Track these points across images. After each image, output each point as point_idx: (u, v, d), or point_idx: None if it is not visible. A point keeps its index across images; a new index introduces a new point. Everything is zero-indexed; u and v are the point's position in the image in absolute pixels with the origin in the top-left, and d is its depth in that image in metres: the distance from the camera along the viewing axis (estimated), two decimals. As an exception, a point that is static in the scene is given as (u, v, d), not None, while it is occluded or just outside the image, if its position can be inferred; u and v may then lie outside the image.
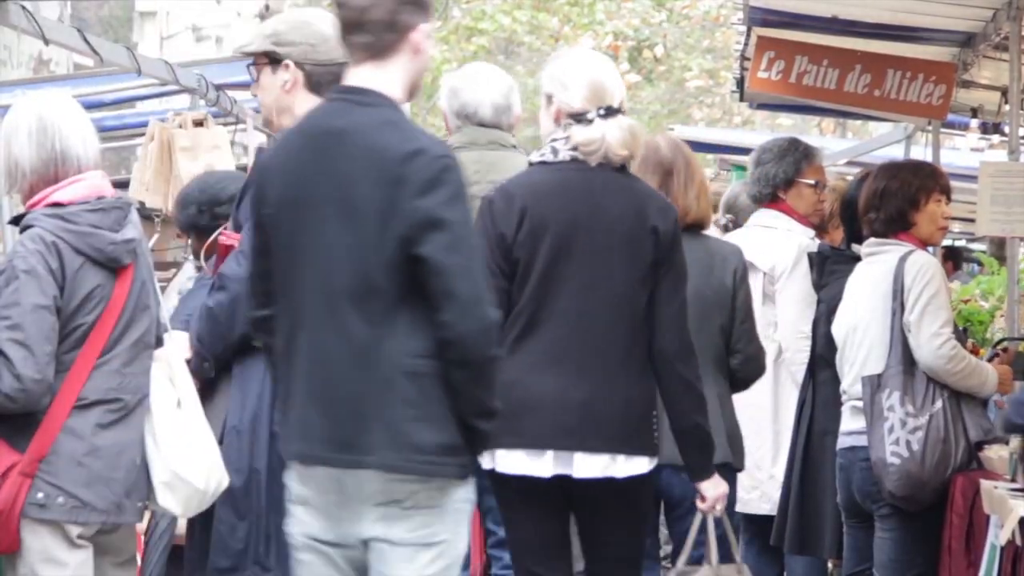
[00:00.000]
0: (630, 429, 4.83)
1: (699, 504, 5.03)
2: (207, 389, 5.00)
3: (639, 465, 4.84)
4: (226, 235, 5.14)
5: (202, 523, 5.05)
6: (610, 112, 4.89)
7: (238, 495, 4.91)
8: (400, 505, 4.05)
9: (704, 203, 5.70)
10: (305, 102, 5.12)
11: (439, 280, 3.98)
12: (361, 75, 4.11)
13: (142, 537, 5.76)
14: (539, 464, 4.79)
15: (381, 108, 4.10)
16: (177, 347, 4.88)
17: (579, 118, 4.89)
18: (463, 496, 4.10)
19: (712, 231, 7.97)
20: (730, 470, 5.57)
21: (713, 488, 5.00)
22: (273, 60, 5.12)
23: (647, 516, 5.06)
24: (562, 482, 4.81)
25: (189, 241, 6.02)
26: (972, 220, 8.42)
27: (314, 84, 5.14)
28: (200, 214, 5.88)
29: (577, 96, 4.89)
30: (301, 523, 4.14)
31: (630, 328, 4.84)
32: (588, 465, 4.80)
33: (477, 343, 3.99)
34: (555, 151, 4.95)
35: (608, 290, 4.83)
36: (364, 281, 4.02)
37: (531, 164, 5.09)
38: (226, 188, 5.78)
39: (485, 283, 4.07)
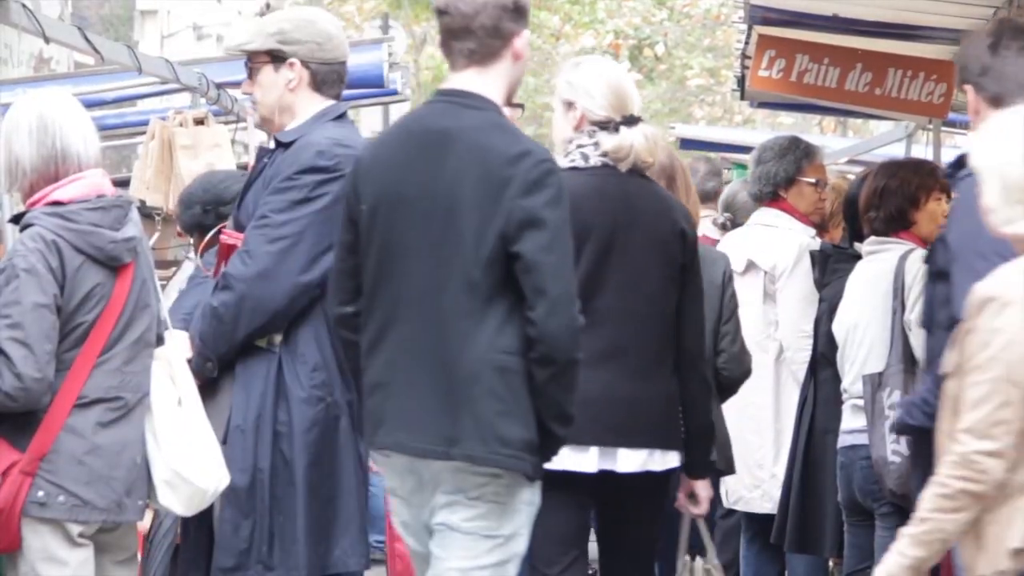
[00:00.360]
0: (667, 424, 5.01)
1: (691, 503, 5.15)
2: (209, 388, 5.00)
3: (673, 459, 5.01)
4: (228, 234, 5.13)
5: (197, 522, 5.05)
6: (632, 120, 5.01)
7: (242, 494, 4.92)
8: (466, 495, 4.21)
9: (696, 208, 5.81)
10: (309, 101, 5.12)
11: (533, 277, 4.16)
12: (463, 79, 4.30)
13: (143, 536, 5.76)
14: (584, 459, 4.88)
15: (486, 111, 4.29)
16: (178, 346, 4.88)
17: (603, 126, 4.99)
18: (528, 498, 4.26)
19: (711, 230, 8.00)
20: (716, 472, 5.66)
21: (705, 488, 5.14)
22: (276, 58, 5.10)
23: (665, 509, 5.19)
24: (604, 477, 4.92)
25: (191, 240, 6.02)
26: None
27: (318, 83, 5.13)
28: (205, 214, 5.90)
29: (602, 104, 4.99)
30: (396, 512, 4.39)
31: (664, 327, 5.00)
32: (630, 460, 4.93)
33: (563, 342, 4.15)
34: (585, 157, 5.03)
35: (646, 290, 4.98)
36: (461, 276, 4.20)
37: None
38: (229, 187, 5.79)
39: (575, 286, 4.23)
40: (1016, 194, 3.62)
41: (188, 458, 4.72)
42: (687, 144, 15.79)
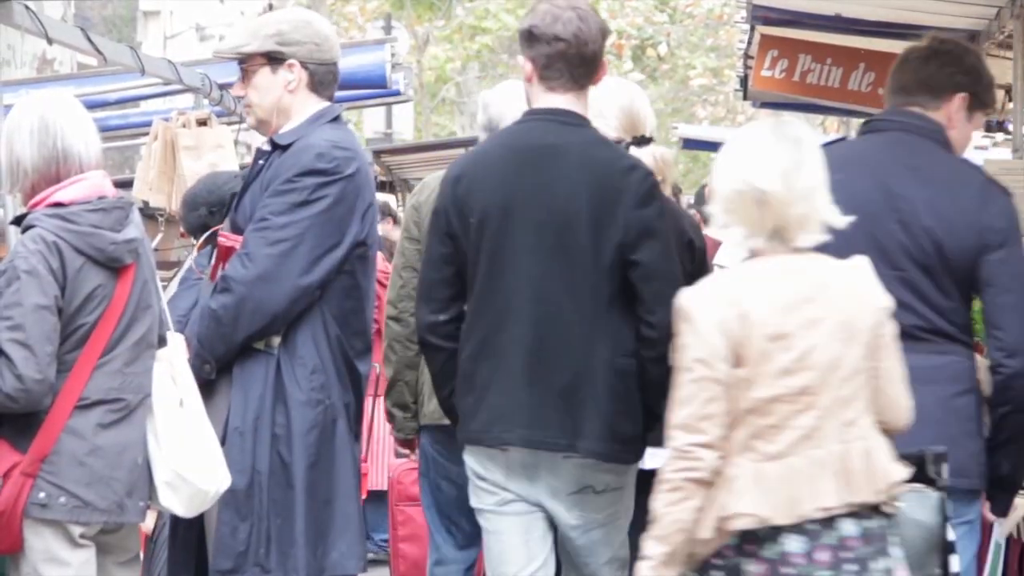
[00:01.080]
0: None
1: None
2: (207, 390, 4.99)
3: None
4: (225, 236, 5.11)
5: (187, 522, 5.04)
6: (643, 141, 5.14)
7: (240, 496, 4.91)
8: (593, 490, 4.66)
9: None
10: (306, 102, 5.11)
11: (655, 284, 4.55)
12: (561, 100, 4.68)
13: (147, 537, 5.75)
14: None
15: (587, 128, 4.69)
16: (182, 352, 4.88)
17: None
18: (632, 480, 4.75)
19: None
20: None
21: None
22: (274, 60, 5.09)
23: None
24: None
25: (195, 241, 6.01)
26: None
27: (316, 84, 5.12)
28: (211, 215, 5.91)
29: (614, 125, 5.09)
30: (478, 498, 4.75)
31: None
32: (657, 458, 4.98)
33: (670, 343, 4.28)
34: None
35: None
36: (582, 283, 4.58)
37: None
38: (234, 189, 5.79)
39: None
40: (727, 203, 4.06)
41: (189, 459, 4.71)
42: (690, 144, 15.80)
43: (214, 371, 5.00)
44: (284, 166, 5.03)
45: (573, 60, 4.66)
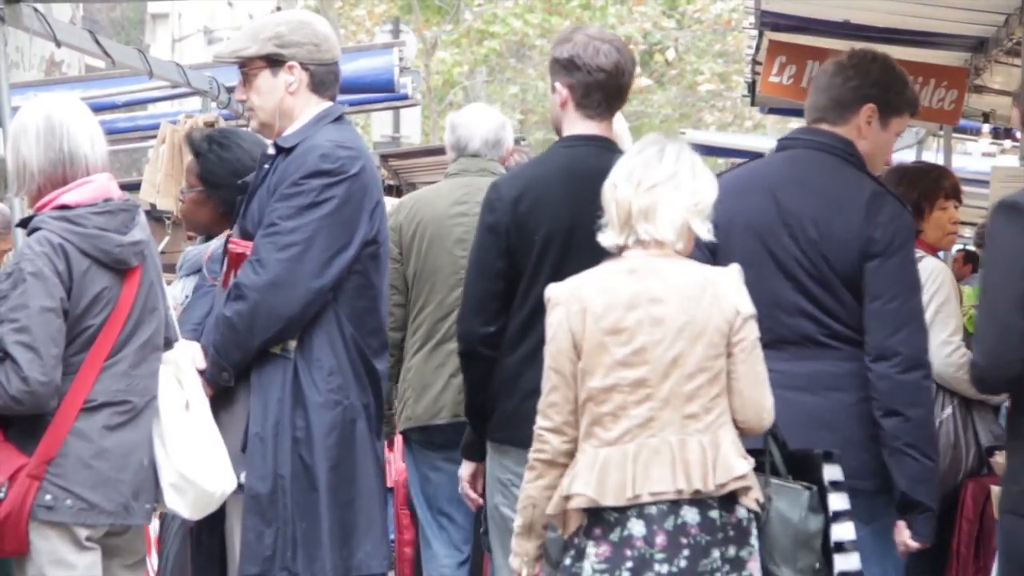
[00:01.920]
0: None
1: None
2: (225, 397, 4.98)
3: None
4: (235, 243, 5.10)
5: (209, 529, 5.04)
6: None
7: (264, 502, 4.90)
8: None
9: None
10: (308, 103, 5.10)
11: None
12: (599, 128, 5.02)
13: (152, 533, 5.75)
14: None
15: (623, 153, 4.79)
16: (188, 354, 4.87)
17: None
18: None
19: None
20: None
21: None
22: (274, 62, 5.08)
23: None
24: None
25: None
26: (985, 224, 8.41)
27: (317, 84, 5.12)
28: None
29: None
30: (508, 500, 4.92)
31: None
32: None
33: None
34: None
35: None
36: None
37: None
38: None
39: None
40: (612, 210, 4.40)
41: (195, 461, 4.71)
42: (697, 149, 15.78)
43: (232, 378, 4.99)
44: (289, 169, 5.02)
45: (612, 91, 4.98)
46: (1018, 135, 10.43)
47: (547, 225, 4.89)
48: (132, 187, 9.26)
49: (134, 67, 8.21)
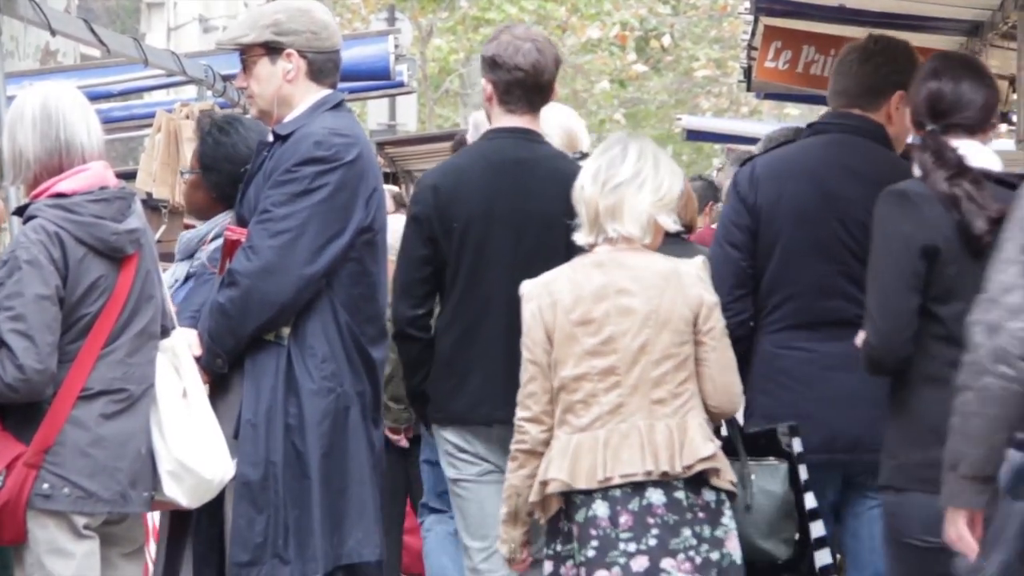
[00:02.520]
0: None
1: None
2: (220, 383, 4.98)
3: None
4: (232, 230, 5.10)
5: (210, 517, 5.04)
6: (583, 156, 5.73)
7: (255, 489, 4.90)
8: None
9: (690, 210, 6.57)
10: (307, 91, 5.10)
11: None
12: (523, 121, 5.33)
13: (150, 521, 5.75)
14: None
15: (547, 145, 5.42)
16: (185, 342, 4.88)
17: None
18: None
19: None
20: None
21: None
22: (272, 50, 5.08)
23: None
24: None
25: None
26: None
27: (315, 72, 5.11)
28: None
29: (555, 143, 5.61)
30: (459, 470, 5.25)
31: None
32: None
33: None
34: None
35: None
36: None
37: None
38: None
39: None
40: (582, 210, 4.66)
41: (193, 449, 4.72)
42: (693, 135, 15.80)
43: (226, 365, 5.00)
44: (284, 156, 5.02)
45: (532, 88, 5.30)
46: (1014, 119, 10.43)
47: (466, 213, 5.16)
48: (128, 176, 9.24)
49: (130, 56, 8.20)
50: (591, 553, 4.50)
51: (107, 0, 26.63)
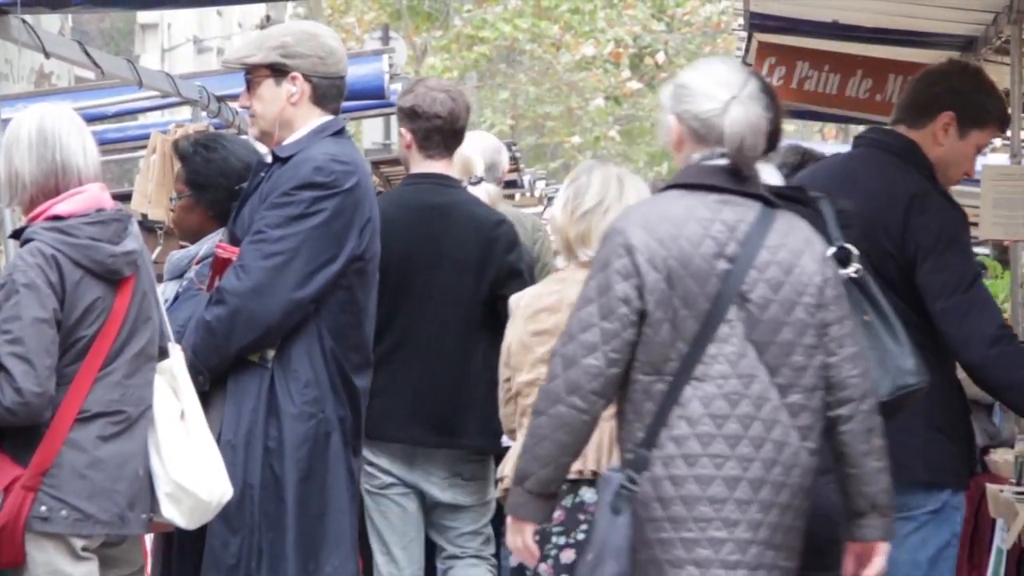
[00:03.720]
0: None
1: None
2: (200, 402, 4.97)
3: None
4: (223, 248, 5.10)
5: (193, 537, 5.03)
6: (477, 181, 6.40)
7: (231, 510, 4.89)
8: (461, 476, 5.88)
9: None
10: (309, 115, 5.11)
11: None
12: (439, 166, 5.86)
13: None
14: None
15: (462, 190, 6.00)
16: (183, 364, 4.87)
17: None
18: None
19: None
20: None
21: None
22: (278, 72, 5.08)
23: None
24: None
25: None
26: (974, 224, 8.42)
27: (319, 97, 5.12)
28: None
29: (454, 169, 6.08)
30: (374, 479, 5.85)
31: None
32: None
33: None
34: None
35: None
36: (465, 314, 5.81)
37: None
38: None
39: None
40: (556, 237, 5.11)
41: (191, 471, 4.71)
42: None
43: (207, 383, 4.99)
44: (282, 179, 5.02)
45: (449, 135, 5.84)
46: (1009, 134, 10.44)
47: (386, 256, 5.35)
48: (123, 197, 9.22)
49: (124, 77, 8.20)
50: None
51: (101, 22, 26.64)
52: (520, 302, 5.14)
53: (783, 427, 3.96)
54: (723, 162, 4.05)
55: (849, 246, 4.27)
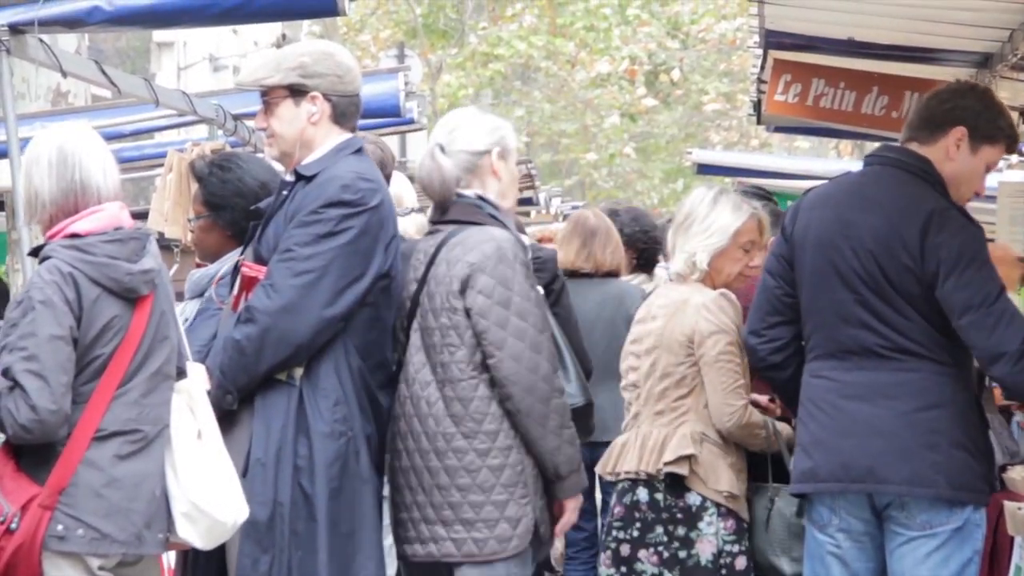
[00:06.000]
0: None
1: None
2: (228, 421, 4.96)
3: None
4: (249, 267, 5.09)
5: (207, 554, 5.01)
6: (406, 213, 6.49)
7: (261, 528, 4.88)
8: None
9: (617, 256, 7.67)
10: (329, 134, 5.11)
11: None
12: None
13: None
14: None
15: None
16: (201, 383, 4.87)
17: None
18: None
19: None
20: None
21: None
22: (296, 92, 5.09)
23: None
24: None
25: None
26: (991, 240, 8.40)
27: (338, 116, 5.12)
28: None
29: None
30: None
31: None
32: None
33: None
34: None
35: None
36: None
37: None
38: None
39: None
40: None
41: (207, 491, 4.70)
42: (704, 169, 15.76)
43: (236, 402, 4.98)
44: (309, 197, 5.02)
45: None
46: (1024, 150, 10.42)
47: None
48: (140, 216, 9.21)
49: (140, 96, 8.22)
50: (601, 535, 5.46)
51: (117, 41, 26.72)
52: (633, 314, 5.65)
53: None
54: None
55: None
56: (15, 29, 6.41)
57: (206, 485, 4.69)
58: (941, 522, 4.79)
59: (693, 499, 5.30)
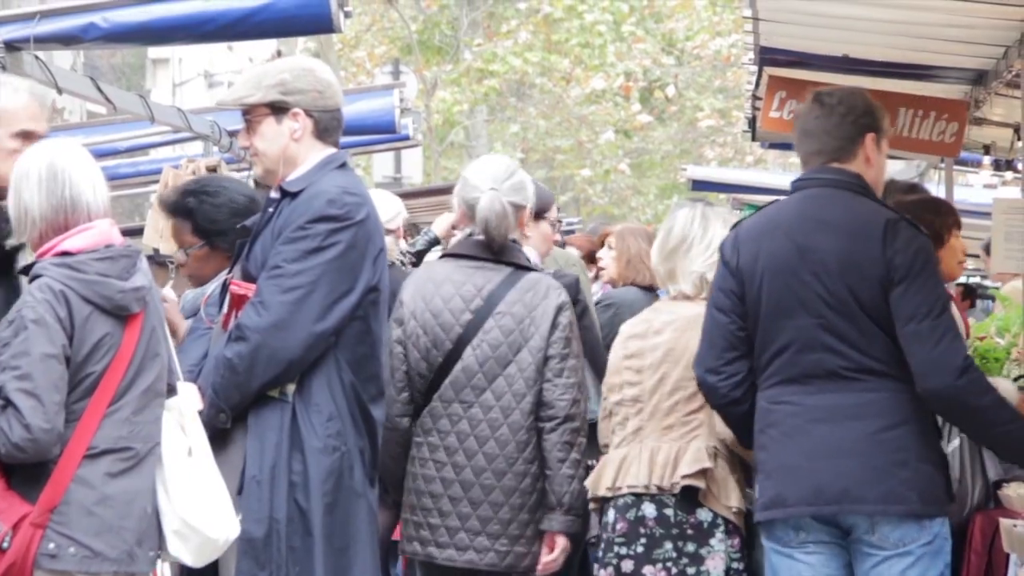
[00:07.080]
0: None
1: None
2: (222, 439, 4.97)
3: None
4: (237, 284, 5.09)
5: (199, 569, 5.01)
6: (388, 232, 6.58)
7: (258, 545, 4.88)
8: None
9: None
10: (312, 150, 5.11)
11: None
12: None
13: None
14: None
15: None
16: (191, 400, 4.86)
17: None
18: None
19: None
20: None
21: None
22: (278, 110, 5.09)
23: None
24: None
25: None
26: (974, 256, 8.40)
27: (321, 131, 5.13)
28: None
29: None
30: None
31: None
32: None
33: None
34: None
35: None
36: None
37: None
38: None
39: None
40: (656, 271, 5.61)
41: (198, 508, 4.69)
42: (698, 185, 15.77)
43: (229, 420, 4.98)
44: (295, 213, 5.02)
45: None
46: (1020, 167, 10.43)
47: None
48: (135, 232, 9.24)
49: (135, 112, 8.23)
50: (599, 553, 5.35)
51: (112, 57, 26.73)
52: (623, 329, 5.52)
53: None
54: (480, 237, 5.55)
55: None
56: (11, 46, 6.42)
57: (197, 502, 4.69)
58: (914, 538, 4.83)
59: (704, 515, 5.29)
